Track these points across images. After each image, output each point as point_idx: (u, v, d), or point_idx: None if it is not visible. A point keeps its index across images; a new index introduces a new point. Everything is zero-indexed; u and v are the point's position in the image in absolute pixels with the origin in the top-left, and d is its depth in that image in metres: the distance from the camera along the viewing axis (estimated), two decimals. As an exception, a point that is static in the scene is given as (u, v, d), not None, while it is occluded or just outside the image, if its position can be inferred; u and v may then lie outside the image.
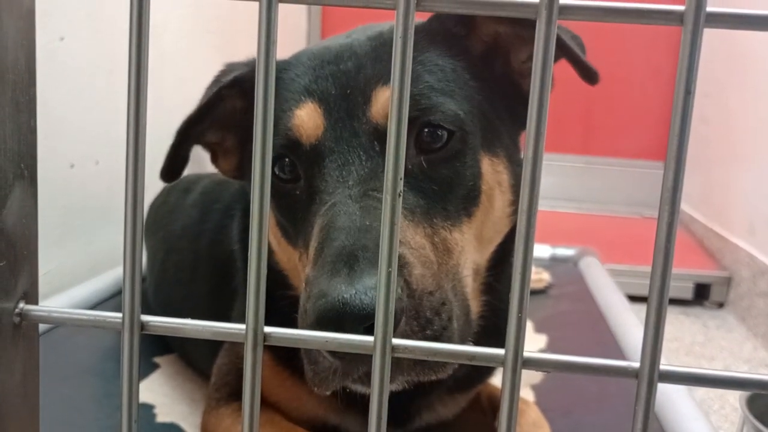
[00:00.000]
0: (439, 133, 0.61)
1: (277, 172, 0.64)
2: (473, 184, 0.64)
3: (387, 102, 0.60)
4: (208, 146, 0.75)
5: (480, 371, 0.78)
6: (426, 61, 0.64)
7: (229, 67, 0.74)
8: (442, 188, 0.62)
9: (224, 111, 0.72)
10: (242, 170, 0.75)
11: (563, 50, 0.65)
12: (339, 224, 0.56)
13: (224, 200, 0.97)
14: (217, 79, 0.73)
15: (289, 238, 0.67)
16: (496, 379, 0.88)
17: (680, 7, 0.30)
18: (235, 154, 0.75)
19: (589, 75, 0.67)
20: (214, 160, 0.77)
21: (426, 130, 0.61)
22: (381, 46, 0.66)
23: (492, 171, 0.66)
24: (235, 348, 0.83)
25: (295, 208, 0.64)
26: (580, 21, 0.32)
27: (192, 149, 0.75)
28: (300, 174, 0.64)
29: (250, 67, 0.71)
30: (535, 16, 0.31)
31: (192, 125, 0.71)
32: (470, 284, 0.64)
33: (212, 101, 0.70)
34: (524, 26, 0.66)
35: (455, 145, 0.62)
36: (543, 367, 0.35)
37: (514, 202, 0.68)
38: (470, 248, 0.64)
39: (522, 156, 0.72)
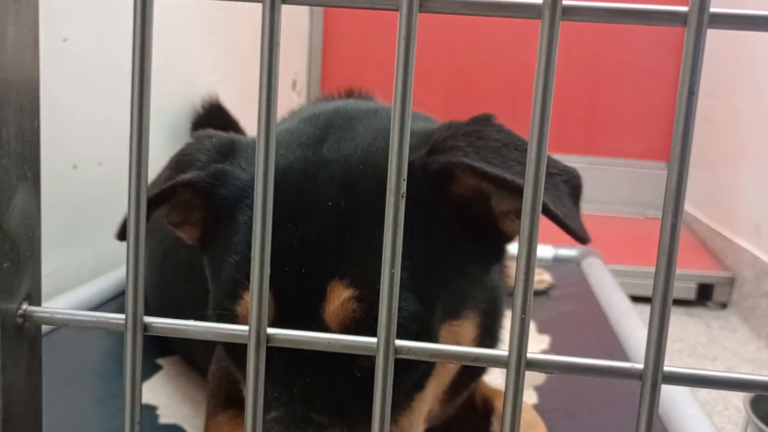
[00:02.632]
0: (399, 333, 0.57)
1: None
2: (426, 370, 0.60)
3: (342, 304, 0.53)
4: (171, 224, 0.69)
5: (472, 370, 0.76)
6: None
7: (192, 152, 0.67)
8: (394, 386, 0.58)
9: (180, 200, 0.67)
10: (204, 241, 0.68)
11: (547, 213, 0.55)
12: None
13: None
14: (178, 161, 0.67)
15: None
16: (487, 378, 0.88)
17: (683, 8, 0.30)
18: (199, 227, 0.68)
19: (575, 236, 0.56)
20: (177, 229, 0.70)
21: None
22: (349, 186, 0.57)
23: (451, 335, 0.61)
24: (222, 354, 0.83)
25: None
26: (583, 22, 0.32)
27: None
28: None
29: (206, 172, 0.64)
30: (538, 17, 0.31)
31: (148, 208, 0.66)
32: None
33: (165, 193, 0.64)
34: (510, 189, 0.57)
35: (412, 336, 0.56)
36: (546, 369, 0.35)
37: (479, 336, 0.65)
38: (420, 415, 0.62)
39: (493, 276, 0.68)
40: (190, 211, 0.67)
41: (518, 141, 0.60)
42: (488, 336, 0.69)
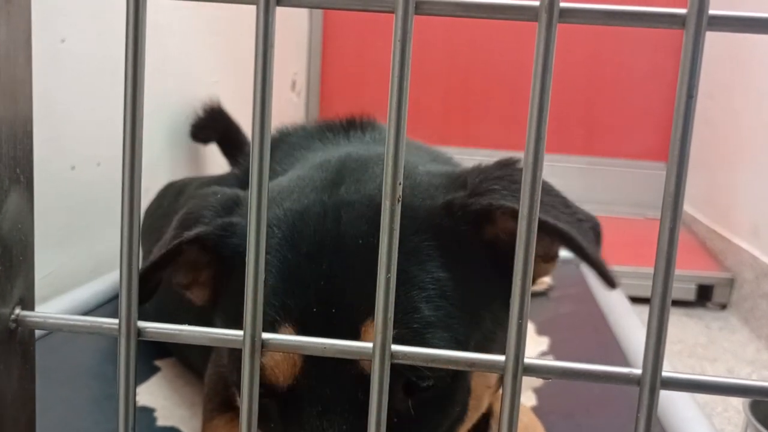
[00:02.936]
0: (428, 373, 0.54)
1: None
2: (461, 409, 0.58)
3: None
4: (179, 286, 0.68)
5: None
6: (426, 280, 0.55)
7: (197, 210, 0.66)
8: (430, 428, 0.56)
9: (187, 259, 0.65)
10: (215, 300, 0.67)
11: (577, 251, 0.57)
12: None
13: None
14: (183, 219, 0.66)
15: None
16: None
17: (682, 11, 0.30)
18: (208, 287, 0.67)
19: (607, 280, 0.57)
20: (186, 290, 0.69)
21: (416, 373, 0.54)
22: (375, 231, 0.58)
23: (482, 378, 0.60)
24: (218, 357, 0.81)
25: (266, 429, 0.57)
26: (581, 24, 0.31)
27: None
28: (272, 408, 0.56)
29: (213, 226, 0.63)
30: (535, 19, 0.31)
31: (153, 271, 0.63)
32: None
33: (172, 253, 0.63)
34: (549, 233, 0.58)
35: (446, 382, 0.56)
36: (543, 374, 0.34)
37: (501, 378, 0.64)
38: None
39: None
40: (198, 271, 0.66)
41: (549, 186, 0.62)
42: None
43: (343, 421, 0.52)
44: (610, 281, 0.56)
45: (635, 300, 1.54)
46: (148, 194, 1.29)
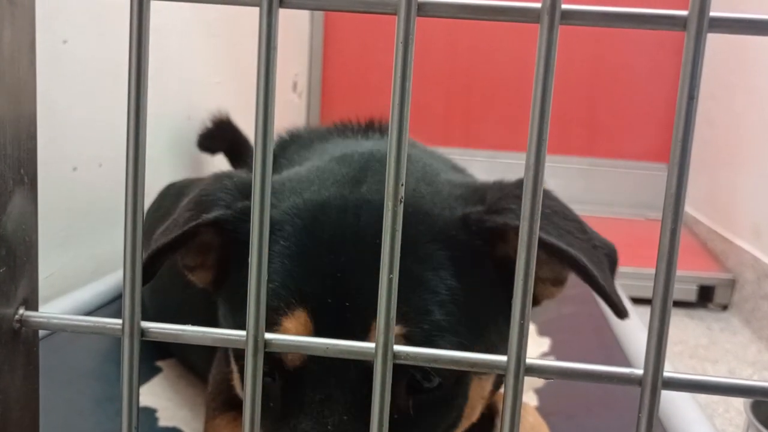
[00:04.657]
0: (433, 377, 0.55)
1: None
2: (457, 416, 0.59)
3: None
4: (186, 268, 0.68)
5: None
6: (439, 285, 0.56)
7: (212, 192, 0.65)
8: (426, 429, 0.57)
9: (200, 242, 0.65)
10: (216, 284, 0.68)
11: (587, 278, 0.57)
12: None
13: None
14: (198, 201, 0.65)
15: None
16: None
17: (683, 12, 0.30)
18: (213, 269, 0.68)
19: (616, 310, 0.58)
20: (190, 273, 0.69)
21: (421, 373, 0.55)
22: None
23: (479, 388, 0.61)
24: (224, 358, 0.83)
25: (266, 409, 0.56)
26: (582, 26, 0.31)
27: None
28: (275, 384, 0.56)
29: (233, 209, 0.62)
30: (537, 21, 0.31)
31: (165, 253, 0.63)
32: None
33: (188, 234, 0.62)
34: (561, 258, 0.58)
35: (447, 386, 0.57)
36: (545, 375, 0.34)
37: (492, 390, 0.66)
38: None
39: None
40: (207, 254, 0.66)
41: (567, 210, 0.62)
42: (497, 389, 0.70)
43: (344, 411, 0.52)
44: (619, 312, 0.57)
45: (636, 301, 1.54)
46: (149, 195, 1.29)
